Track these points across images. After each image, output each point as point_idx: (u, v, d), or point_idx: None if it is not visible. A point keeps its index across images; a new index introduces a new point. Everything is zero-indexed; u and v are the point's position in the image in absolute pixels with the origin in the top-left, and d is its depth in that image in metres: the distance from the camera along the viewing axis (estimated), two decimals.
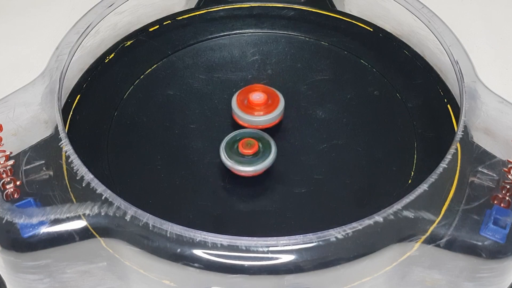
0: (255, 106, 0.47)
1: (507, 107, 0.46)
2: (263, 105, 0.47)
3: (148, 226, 0.39)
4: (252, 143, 0.45)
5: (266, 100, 0.48)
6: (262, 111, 0.47)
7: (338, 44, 0.54)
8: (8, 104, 0.46)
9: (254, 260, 0.38)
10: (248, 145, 0.45)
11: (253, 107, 0.47)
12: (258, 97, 0.48)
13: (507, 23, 0.65)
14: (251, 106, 0.47)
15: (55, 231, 0.40)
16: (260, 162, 0.45)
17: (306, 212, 0.44)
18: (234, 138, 0.46)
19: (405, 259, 0.41)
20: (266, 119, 0.47)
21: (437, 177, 0.41)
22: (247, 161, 0.45)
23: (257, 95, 0.48)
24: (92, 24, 0.50)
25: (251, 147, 0.45)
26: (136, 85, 0.51)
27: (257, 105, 0.47)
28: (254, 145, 0.45)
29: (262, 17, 0.56)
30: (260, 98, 0.48)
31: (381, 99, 0.51)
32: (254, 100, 0.47)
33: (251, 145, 0.45)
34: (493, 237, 0.40)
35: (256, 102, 0.47)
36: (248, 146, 0.45)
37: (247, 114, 0.47)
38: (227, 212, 0.44)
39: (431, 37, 0.51)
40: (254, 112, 0.47)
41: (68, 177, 0.42)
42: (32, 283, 0.42)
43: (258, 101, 0.47)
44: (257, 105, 0.47)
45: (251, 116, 0.47)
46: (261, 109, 0.47)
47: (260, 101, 0.47)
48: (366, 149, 0.47)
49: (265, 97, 0.48)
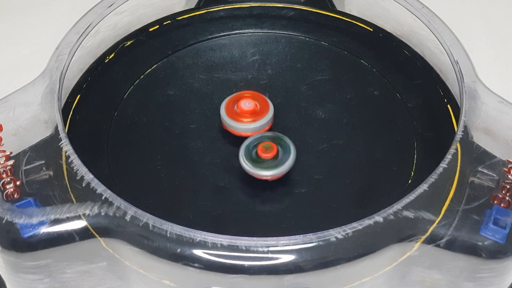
0: (244, 113, 0.47)
1: (507, 107, 0.46)
2: (252, 112, 0.47)
3: (148, 226, 0.39)
4: (270, 146, 0.45)
5: (254, 108, 0.47)
6: (250, 118, 0.47)
7: (338, 44, 0.54)
8: (8, 104, 0.46)
9: (254, 260, 0.38)
10: (267, 149, 0.45)
11: (241, 114, 0.47)
12: (247, 105, 0.47)
13: (507, 23, 0.65)
14: (239, 113, 0.47)
15: (55, 231, 0.40)
16: (280, 166, 0.45)
17: (306, 212, 0.44)
18: (253, 143, 0.46)
19: (405, 259, 0.41)
20: (254, 126, 0.47)
21: (437, 177, 0.41)
22: (266, 165, 0.45)
23: (246, 103, 0.47)
24: (92, 24, 0.50)
25: (270, 151, 0.45)
26: (136, 85, 0.51)
27: (246, 113, 0.47)
28: (273, 149, 0.45)
29: (262, 17, 0.56)
30: (249, 106, 0.47)
31: (381, 99, 0.51)
32: (243, 107, 0.47)
33: (270, 148, 0.45)
34: (493, 237, 0.40)
35: (245, 109, 0.47)
36: (267, 150, 0.45)
37: (234, 121, 0.47)
38: (227, 212, 0.44)
39: (431, 37, 0.51)
40: (242, 119, 0.47)
41: (68, 177, 0.42)
42: (32, 283, 0.42)
43: (247, 109, 0.47)
44: (246, 112, 0.47)
45: (239, 123, 0.47)
46: (249, 117, 0.47)
47: (249, 108, 0.47)
48: (366, 149, 0.47)
49: (254, 105, 0.47)
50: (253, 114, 0.47)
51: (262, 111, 0.48)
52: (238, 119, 0.47)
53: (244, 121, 0.47)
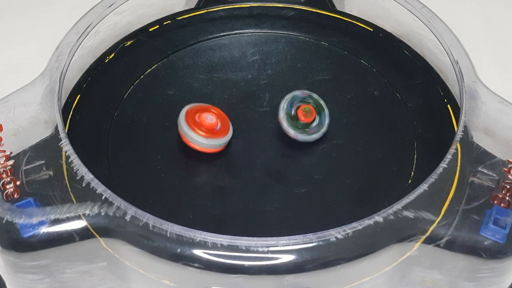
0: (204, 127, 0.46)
1: (507, 107, 0.46)
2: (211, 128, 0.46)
3: (148, 226, 0.39)
4: (309, 110, 0.47)
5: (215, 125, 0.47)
6: (208, 133, 0.46)
7: (338, 44, 0.54)
8: (8, 104, 0.46)
9: (254, 260, 0.38)
10: (308, 112, 0.47)
11: (201, 127, 0.46)
12: (209, 119, 0.47)
13: (507, 23, 0.65)
14: (200, 125, 0.46)
15: (55, 231, 0.40)
16: (318, 130, 0.47)
17: (306, 212, 0.44)
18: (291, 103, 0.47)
19: (405, 259, 0.41)
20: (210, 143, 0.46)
21: (437, 177, 0.41)
22: (309, 129, 0.47)
23: (209, 117, 0.47)
24: (92, 24, 0.50)
25: (310, 115, 0.47)
26: (136, 85, 0.51)
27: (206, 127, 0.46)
28: (312, 113, 0.47)
29: (262, 17, 0.56)
30: (211, 120, 0.47)
31: (381, 99, 0.51)
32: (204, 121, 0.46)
33: (310, 112, 0.47)
34: (493, 237, 0.40)
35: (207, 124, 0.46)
36: (307, 113, 0.47)
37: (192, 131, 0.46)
38: (227, 212, 0.44)
39: (431, 37, 0.51)
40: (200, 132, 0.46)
41: (68, 177, 0.42)
42: (32, 283, 0.42)
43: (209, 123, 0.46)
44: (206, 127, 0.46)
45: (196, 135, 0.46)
46: (208, 132, 0.46)
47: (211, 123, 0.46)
48: (366, 149, 0.47)
49: (216, 121, 0.47)
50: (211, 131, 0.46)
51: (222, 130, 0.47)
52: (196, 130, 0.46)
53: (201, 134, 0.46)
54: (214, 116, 0.47)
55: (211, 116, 0.47)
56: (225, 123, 0.47)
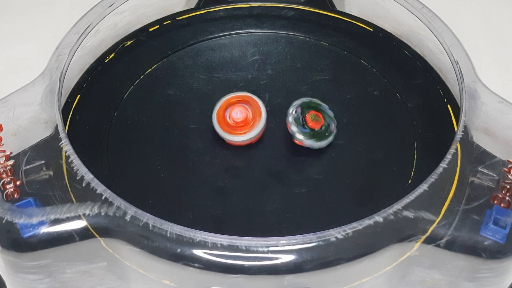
0: (236, 125, 0.47)
1: (507, 107, 0.46)
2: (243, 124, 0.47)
3: (148, 226, 0.39)
4: (318, 118, 0.46)
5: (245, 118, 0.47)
6: (242, 129, 0.47)
7: (338, 44, 0.54)
8: (8, 104, 0.46)
9: (254, 260, 0.38)
10: (316, 120, 0.46)
11: (233, 126, 0.47)
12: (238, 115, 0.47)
13: (507, 23, 0.65)
14: (231, 124, 0.47)
15: (55, 231, 0.40)
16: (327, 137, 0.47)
17: (306, 212, 0.44)
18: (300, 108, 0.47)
19: (405, 259, 0.41)
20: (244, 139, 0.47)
21: (437, 177, 0.41)
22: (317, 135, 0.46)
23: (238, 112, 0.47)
24: (92, 24, 0.50)
25: (319, 122, 0.46)
26: (136, 85, 0.51)
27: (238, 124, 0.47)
28: (320, 120, 0.46)
29: (262, 17, 0.56)
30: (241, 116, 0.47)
31: (381, 99, 0.51)
32: (234, 118, 0.47)
33: (318, 119, 0.46)
34: (493, 237, 0.40)
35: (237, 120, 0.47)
36: (315, 120, 0.46)
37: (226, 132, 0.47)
38: (227, 212, 0.44)
39: (431, 37, 0.51)
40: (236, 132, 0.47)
41: (68, 177, 0.42)
42: (32, 283, 0.42)
43: (238, 119, 0.47)
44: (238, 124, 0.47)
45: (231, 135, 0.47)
46: (241, 128, 0.47)
47: (241, 119, 0.47)
48: (366, 149, 0.47)
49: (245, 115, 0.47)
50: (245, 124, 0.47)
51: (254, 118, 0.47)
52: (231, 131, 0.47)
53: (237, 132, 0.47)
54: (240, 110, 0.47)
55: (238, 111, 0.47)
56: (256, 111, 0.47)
